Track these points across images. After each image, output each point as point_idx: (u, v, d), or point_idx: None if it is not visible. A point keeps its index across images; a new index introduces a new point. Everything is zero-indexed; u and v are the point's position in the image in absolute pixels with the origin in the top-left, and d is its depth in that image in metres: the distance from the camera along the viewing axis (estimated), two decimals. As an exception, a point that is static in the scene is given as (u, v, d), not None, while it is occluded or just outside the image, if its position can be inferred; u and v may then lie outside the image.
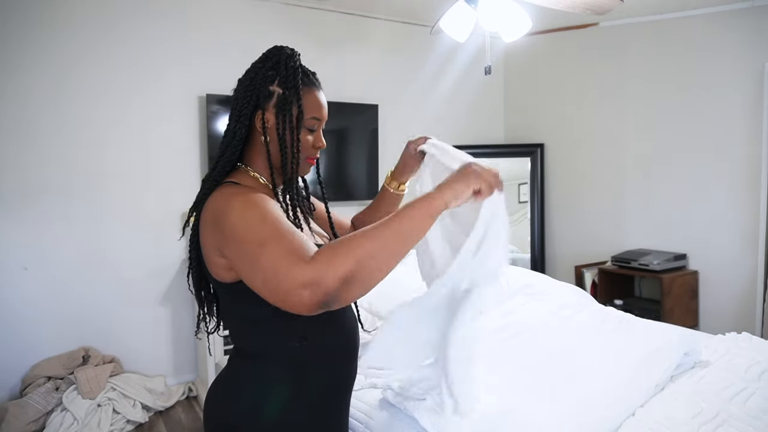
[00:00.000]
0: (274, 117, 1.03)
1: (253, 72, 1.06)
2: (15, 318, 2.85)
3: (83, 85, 2.96)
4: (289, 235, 0.85)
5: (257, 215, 0.89)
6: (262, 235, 0.85)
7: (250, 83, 1.04)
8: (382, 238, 0.83)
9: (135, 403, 2.89)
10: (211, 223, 0.95)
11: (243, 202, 0.91)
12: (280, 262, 0.81)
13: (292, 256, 0.81)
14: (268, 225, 0.87)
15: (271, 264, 0.82)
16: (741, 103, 3.22)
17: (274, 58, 1.05)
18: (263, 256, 0.83)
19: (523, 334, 1.84)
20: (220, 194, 0.97)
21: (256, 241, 0.85)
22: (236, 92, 1.07)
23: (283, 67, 1.04)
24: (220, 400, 1.05)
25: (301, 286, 0.78)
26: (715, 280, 3.39)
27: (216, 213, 0.94)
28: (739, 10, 3.18)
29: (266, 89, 1.03)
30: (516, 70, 4.55)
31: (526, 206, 4.34)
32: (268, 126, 1.03)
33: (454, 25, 2.29)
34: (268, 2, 3.48)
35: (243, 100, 1.04)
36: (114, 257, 3.09)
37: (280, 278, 0.80)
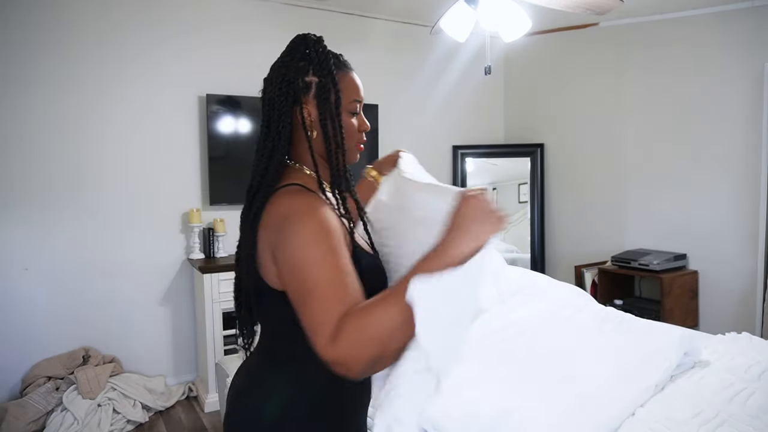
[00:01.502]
0: (315, 108, 0.99)
1: (284, 67, 1.01)
2: (15, 318, 2.85)
3: (84, 85, 2.96)
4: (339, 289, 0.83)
5: (321, 251, 0.85)
6: (315, 279, 0.83)
7: (282, 79, 0.99)
8: (402, 310, 0.79)
9: (135, 403, 2.89)
10: (273, 227, 0.91)
11: (314, 228, 0.87)
12: (315, 324, 0.82)
13: (324, 327, 0.80)
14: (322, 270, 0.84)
15: (309, 321, 0.83)
16: (741, 103, 3.22)
17: (302, 48, 1.02)
18: (306, 307, 0.83)
19: (522, 334, 1.85)
20: (288, 198, 0.93)
21: (307, 283, 0.84)
22: (267, 92, 1.02)
23: (314, 55, 1.00)
24: (257, 401, 1.00)
25: (331, 362, 0.80)
26: (715, 280, 3.39)
27: (282, 219, 0.90)
28: (739, 10, 3.18)
29: (302, 81, 0.99)
30: (516, 70, 4.55)
31: (526, 206, 4.34)
32: (312, 119, 0.99)
33: (454, 25, 2.29)
34: (268, 2, 3.48)
35: (279, 97, 0.99)
36: (114, 257, 3.09)
37: (314, 339, 0.82)
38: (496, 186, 4.52)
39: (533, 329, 1.86)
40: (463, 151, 4.35)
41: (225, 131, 3.31)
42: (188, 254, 3.29)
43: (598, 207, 4.00)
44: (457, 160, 4.35)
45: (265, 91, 1.04)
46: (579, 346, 1.81)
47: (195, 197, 3.32)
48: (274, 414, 0.98)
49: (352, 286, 0.85)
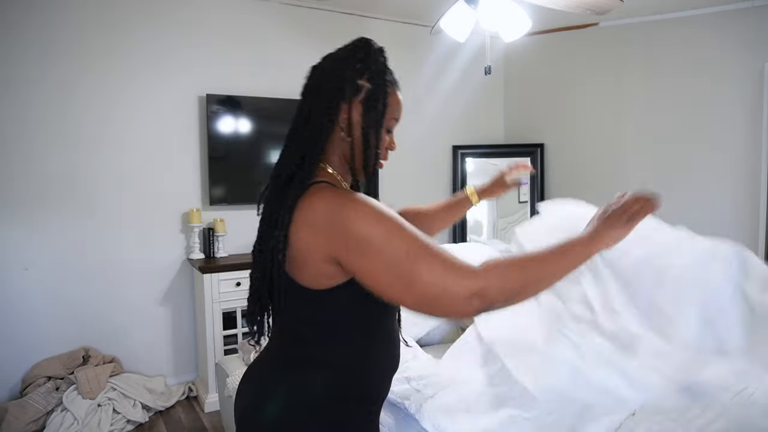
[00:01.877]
0: (359, 113, 0.98)
1: (341, 62, 1.00)
2: (15, 318, 2.85)
3: (84, 85, 2.96)
4: (435, 247, 0.86)
5: (393, 226, 0.87)
6: (409, 248, 0.85)
7: (338, 74, 0.98)
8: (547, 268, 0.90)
9: (135, 403, 2.89)
10: (322, 227, 0.89)
11: (370, 210, 0.87)
12: (447, 274, 0.83)
13: (457, 269, 0.84)
14: (409, 236, 0.86)
15: (436, 279, 0.83)
16: (741, 103, 3.22)
17: (363, 51, 1.01)
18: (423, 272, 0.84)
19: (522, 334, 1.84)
20: (324, 195, 0.91)
21: (405, 254, 0.84)
22: (317, 81, 1.02)
23: (373, 62, 1.00)
24: (273, 407, 0.98)
25: (472, 295, 0.83)
26: (715, 280, 3.38)
27: (330, 217, 0.88)
28: (739, 10, 3.18)
29: (354, 83, 0.98)
30: (516, 70, 4.55)
31: (526, 206, 4.34)
32: (352, 122, 0.98)
33: (454, 25, 2.29)
34: (268, 2, 3.48)
35: (330, 91, 0.98)
36: (114, 257, 3.09)
37: (450, 290, 0.83)
38: (496, 186, 4.51)
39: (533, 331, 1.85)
40: (463, 151, 4.35)
41: (225, 131, 3.31)
42: (188, 254, 3.29)
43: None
44: (457, 160, 4.35)
45: (312, 78, 1.03)
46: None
47: (195, 197, 3.32)
48: (291, 420, 0.96)
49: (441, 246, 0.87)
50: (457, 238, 4.32)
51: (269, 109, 3.41)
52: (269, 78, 3.46)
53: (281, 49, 3.52)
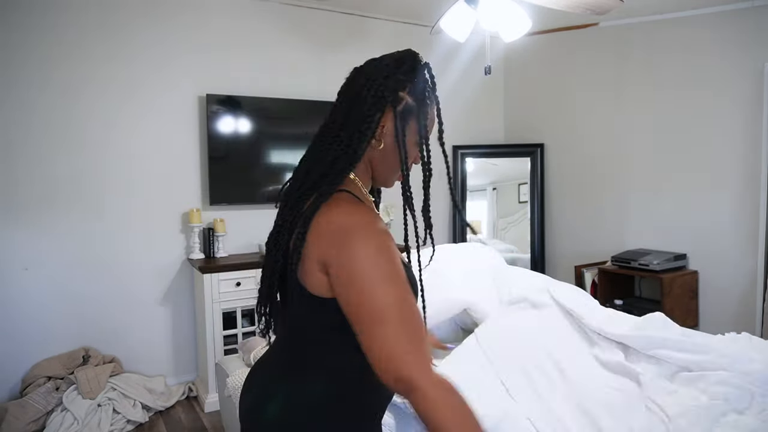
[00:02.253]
0: (392, 123, 0.98)
1: (386, 72, 1.00)
2: (15, 318, 2.85)
3: (84, 85, 2.96)
4: (413, 315, 0.85)
5: (388, 274, 0.86)
6: (389, 305, 0.84)
7: (381, 83, 0.98)
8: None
9: (135, 403, 2.89)
10: (327, 235, 0.89)
11: (376, 247, 0.87)
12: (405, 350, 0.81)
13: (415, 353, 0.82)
14: (396, 292, 0.85)
15: (392, 347, 0.81)
16: (741, 104, 3.22)
17: (409, 64, 1.02)
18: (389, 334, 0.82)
19: (523, 338, 1.85)
20: (343, 207, 0.92)
21: (382, 307, 0.83)
22: (359, 85, 1.00)
23: (418, 77, 1.01)
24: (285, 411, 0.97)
25: (406, 383, 0.80)
26: (715, 280, 3.39)
27: (340, 229, 0.89)
28: (739, 10, 3.18)
29: (396, 94, 0.98)
30: (516, 70, 4.55)
31: (526, 206, 4.34)
32: (386, 131, 0.99)
33: (454, 25, 2.29)
34: (268, 2, 3.48)
35: (374, 99, 0.97)
36: (114, 257, 3.09)
37: (393, 363, 0.81)
38: (496, 186, 4.52)
39: (534, 335, 1.86)
40: (463, 151, 4.35)
41: (225, 131, 3.31)
42: (188, 254, 3.29)
43: (597, 207, 4.00)
44: (457, 160, 4.35)
45: (354, 81, 1.02)
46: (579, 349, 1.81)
47: (195, 197, 3.32)
48: (293, 421, 0.96)
49: (420, 318, 0.87)
50: (457, 238, 4.32)
51: (269, 109, 3.41)
52: (269, 78, 3.46)
53: (281, 49, 3.52)
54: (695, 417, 1.36)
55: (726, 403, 1.40)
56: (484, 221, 4.49)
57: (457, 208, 1.17)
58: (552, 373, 1.65)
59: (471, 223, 1.23)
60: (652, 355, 1.68)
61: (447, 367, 1.71)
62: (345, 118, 0.98)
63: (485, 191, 4.50)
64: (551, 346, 1.78)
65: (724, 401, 1.40)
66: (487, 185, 4.50)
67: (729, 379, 1.44)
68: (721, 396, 1.41)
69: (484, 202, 4.50)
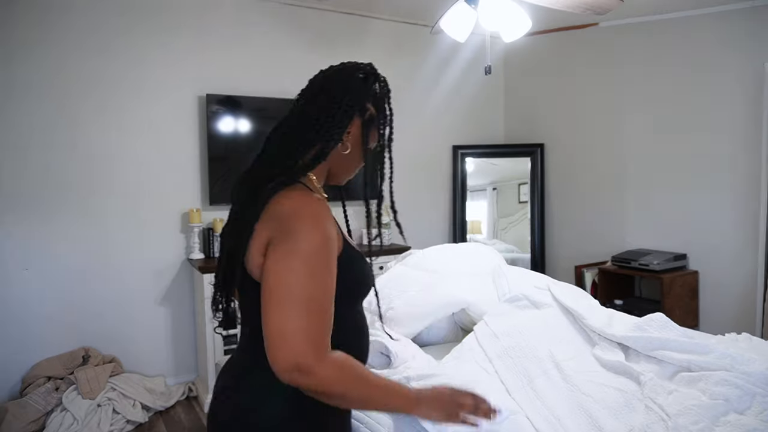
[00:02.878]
0: (359, 131, 1.09)
1: (354, 83, 1.08)
2: (15, 318, 2.85)
3: (84, 86, 2.96)
4: (323, 313, 0.90)
5: (320, 266, 0.91)
6: (306, 293, 0.89)
7: (355, 94, 1.07)
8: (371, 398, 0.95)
9: (135, 403, 2.89)
10: (276, 221, 0.95)
11: (319, 236, 0.92)
12: (302, 337, 0.87)
13: (312, 341, 0.87)
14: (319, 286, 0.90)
15: (293, 331, 0.86)
16: (741, 103, 3.22)
17: (373, 78, 1.11)
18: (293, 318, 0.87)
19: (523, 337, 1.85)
20: (300, 198, 0.97)
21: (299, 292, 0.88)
22: (326, 91, 1.07)
23: (381, 91, 1.11)
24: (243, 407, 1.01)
25: (298, 368, 0.86)
26: (715, 280, 3.39)
27: (290, 217, 0.94)
28: (739, 10, 3.18)
29: (364, 105, 1.08)
30: (516, 70, 4.55)
31: (526, 206, 4.34)
32: (350, 137, 1.08)
33: (454, 25, 2.29)
34: (268, 2, 3.47)
35: (346, 108, 1.06)
36: (114, 257, 3.09)
37: (288, 350, 0.86)
38: (496, 186, 4.52)
39: (535, 334, 1.85)
40: (463, 151, 4.35)
41: (225, 131, 3.31)
42: (188, 254, 3.29)
43: (598, 207, 4.00)
44: (457, 160, 4.35)
45: (318, 87, 1.10)
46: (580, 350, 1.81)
47: (195, 197, 3.32)
48: (263, 419, 0.98)
49: (329, 320, 0.92)
50: (457, 238, 4.32)
51: (269, 109, 3.41)
52: (269, 78, 3.46)
53: (281, 49, 3.52)
54: (695, 417, 1.36)
55: (726, 404, 1.39)
56: (484, 221, 4.49)
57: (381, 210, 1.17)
58: (552, 373, 1.65)
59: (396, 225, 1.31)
60: (653, 356, 1.68)
61: (447, 366, 1.71)
62: (315, 120, 1.05)
63: (485, 191, 4.50)
64: (552, 346, 1.77)
65: (725, 401, 1.40)
66: (487, 185, 4.50)
67: (730, 379, 1.44)
68: (721, 396, 1.41)
69: (484, 202, 4.50)
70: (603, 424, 1.43)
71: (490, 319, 1.92)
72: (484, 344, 1.80)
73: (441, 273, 2.33)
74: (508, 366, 1.70)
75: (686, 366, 1.59)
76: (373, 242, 1.16)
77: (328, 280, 0.93)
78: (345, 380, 0.90)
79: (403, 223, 1.22)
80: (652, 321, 1.79)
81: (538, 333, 1.84)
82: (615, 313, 2.01)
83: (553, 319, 1.94)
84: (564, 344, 1.81)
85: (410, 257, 2.60)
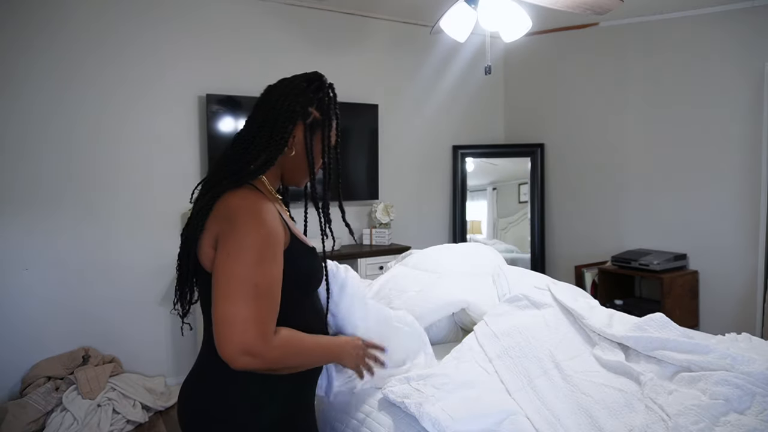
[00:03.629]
0: (302, 134, 1.15)
1: (297, 90, 1.15)
2: (15, 318, 2.85)
3: (83, 86, 2.96)
4: (268, 299, 0.98)
5: (263, 258, 0.98)
6: (250, 282, 0.96)
7: (293, 100, 1.13)
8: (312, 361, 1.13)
9: (135, 403, 2.89)
10: (224, 217, 1.02)
11: (264, 232, 1.00)
12: (249, 324, 0.94)
13: (259, 328, 0.95)
14: (262, 275, 0.97)
15: (243, 319, 0.94)
16: (741, 103, 3.22)
17: (317, 83, 1.17)
18: (239, 306, 0.94)
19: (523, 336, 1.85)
20: (245, 196, 1.05)
21: (244, 281, 0.96)
22: (274, 101, 1.15)
23: (325, 96, 1.17)
24: (202, 397, 1.11)
25: (247, 353, 0.94)
26: (715, 280, 3.39)
27: (235, 212, 1.02)
28: (739, 10, 3.18)
29: (307, 110, 1.14)
30: (516, 70, 4.55)
31: (526, 206, 4.34)
32: (295, 141, 1.15)
33: (454, 25, 2.29)
34: (268, 2, 3.48)
35: (288, 113, 1.12)
36: (114, 257, 3.09)
37: (234, 332, 0.93)
38: (496, 186, 4.52)
39: (535, 334, 1.85)
40: (463, 151, 4.35)
41: (225, 131, 3.31)
42: (188, 254, 3.29)
43: (598, 207, 4.00)
44: (457, 160, 4.35)
45: (268, 98, 1.18)
46: (581, 351, 1.81)
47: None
48: (224, 411, 1.06)
49: (275, 305, 1.00)
50: (457, 238, 4.32)
51: (269, 109, 3.41)
52: (269, 78, 3.40)
53: (281, 49, 3.52)
54: (695, 417, 1.36)
55: (727, 403, 1.39)
56: (484, 221, 4.49)
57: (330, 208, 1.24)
58: (552, 373, 1.65)
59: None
60: (653, 356, 1.68)
61: (447, 366, 1.71)
62: (260, 128, 1.13)
63: (485, 191, 4.50)
64: (552, 346, 1.78)
65: (725, 401, 1.40)
66: (487, 185, 4.50)
67: (730, 379, 1.44)
68: (721, 396, 1.41)
69: (484, 202, 4.50)
70: (603, 424, 1.43)
71: (490, 319, 1.92)
72: (484, 344, 1.80)
73: (441, 273, 2.33)
74: (508, 366, 1.70)
75: (686, 366, 1.59)
76: (332, 240, 1.23)
77: (273, 270, 0.99)
78: (291, 355, 1.03)
79: (403, 223, 1.27)
80: (652, 321, 1.79)
81: (538, 333, 1.84)
82: (615, 313, 2.01)
83: (553, 319, 1.94)
84: (564, 344, 1.81)
85: (410, 257, 2.60)
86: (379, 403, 1.56)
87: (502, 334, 1.83)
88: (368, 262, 3.57)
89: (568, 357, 1.74)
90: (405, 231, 4.03)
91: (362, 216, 3.90)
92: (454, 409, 1.41)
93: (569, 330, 1.91)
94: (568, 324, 1.93)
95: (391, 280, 2.34)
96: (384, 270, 2.84)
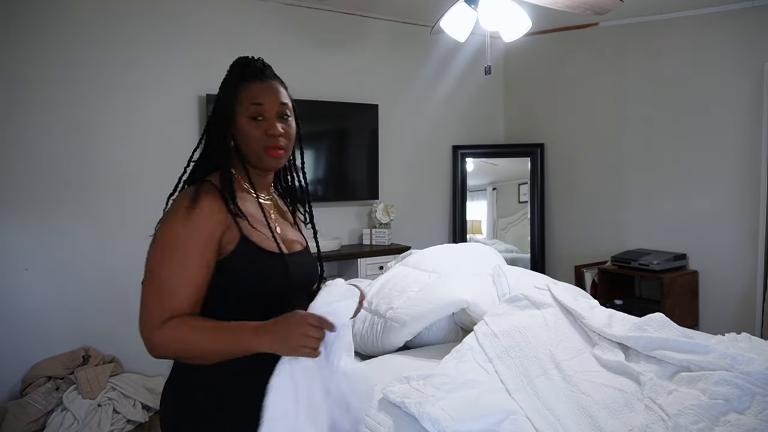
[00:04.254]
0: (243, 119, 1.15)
1: (224, 81, 1.23)
2: (15, 318, 2.85)
3: (83, 86, 2.96)
4: (177, 286, 1.00)
5: (180, 247, 1.02)
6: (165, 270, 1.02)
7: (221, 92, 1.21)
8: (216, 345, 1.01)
9: (135, 402, 2.89)
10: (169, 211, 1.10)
11: (184, 228, 1.03)
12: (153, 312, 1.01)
13: (145, 312, 1.02)
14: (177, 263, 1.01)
15: (150, 307, 1.02)
16: (741, 103, 3.22)
17: (239, 64, 1.27)
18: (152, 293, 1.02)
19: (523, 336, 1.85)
20: (185, 192, 1.13)
21: (159, 268, 1.02)
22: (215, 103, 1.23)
23: (227, 74, 1.22)
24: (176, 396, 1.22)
25: (144, 340, 1.03)
26: (715, 280, 3.39)
27: (170, 207, 1.11)
28: (739, 10, 3.18)
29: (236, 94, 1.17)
30: (516, 70, 4.55)
31: (526, 206, 4.34)
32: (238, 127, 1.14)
33: (454, 25, 2.29)
34: (268, 2, 3.48)
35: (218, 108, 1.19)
36: (114, 257, 3.09)
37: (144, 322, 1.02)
38: (496, 186, 4.52)
39: (535, 334, 1.86)
40: (463, 151, 4.35)
41: (225, 131, 3.31)
42: (188, 254, 3.29)
43: (598, 207, 4.01)
44: (457, 160, 4.35)
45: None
46: (581, 350, 1.81)
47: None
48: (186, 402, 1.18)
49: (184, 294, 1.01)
50: (457, 238, 4.32)
51: (269, 109, 3.41)
52: (269, 78, 3.46)
53: (281, 49, 3.52)
54: (695, 417, 1.36)
55: (726, 403, 1.40)
56: (484, 221, 4.49)
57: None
58: (552, 373, 1.65)
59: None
60: (653, 356, 1.68)
61: (447, 366, 1.71)
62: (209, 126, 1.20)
63: (485, 191, 4.50)
64: (552, 346, 1.78)
65: (725, 401, 1.40)
66: (487, 185, 4.50)
67: (729, 379, 1.44)
68: (721, 396, 1.41)
69: (484, 202, 4.50)
70: (603, 424, 1.43)
71: (490, 319, 1.92)
72: (484, 344, 1.80)
73: (441, 273, 2.33)
74: (508, 366, 1.70)
75: (686, 366, 1.59)
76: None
77: (186, 264, 1.01)
78: (182, 339, 1.00)
79: (403, 223, 1.24)
80: (652, 321, 1.79)
81: (538, 333, 1.84)
82: (615, 313, 2.01)
83: (553, 319, 1.94)
84: (564, 344, 1.82)
85: (410, 257, 2.60)
86: (379, 403, 1.56)
87: (502, 334, 1.83)
88: (368, 262, 3.57)
89: (568, 357, 1.74)
90: (405, 231, 4.03)
91: (362, 216, 3.90)
92: (454, 409, 1.42)
93: (569, 330, 1.91)
94: (568, 324, 1.94)
95: (391, 280, 2.35)
96: (384, 270, 2.84)
